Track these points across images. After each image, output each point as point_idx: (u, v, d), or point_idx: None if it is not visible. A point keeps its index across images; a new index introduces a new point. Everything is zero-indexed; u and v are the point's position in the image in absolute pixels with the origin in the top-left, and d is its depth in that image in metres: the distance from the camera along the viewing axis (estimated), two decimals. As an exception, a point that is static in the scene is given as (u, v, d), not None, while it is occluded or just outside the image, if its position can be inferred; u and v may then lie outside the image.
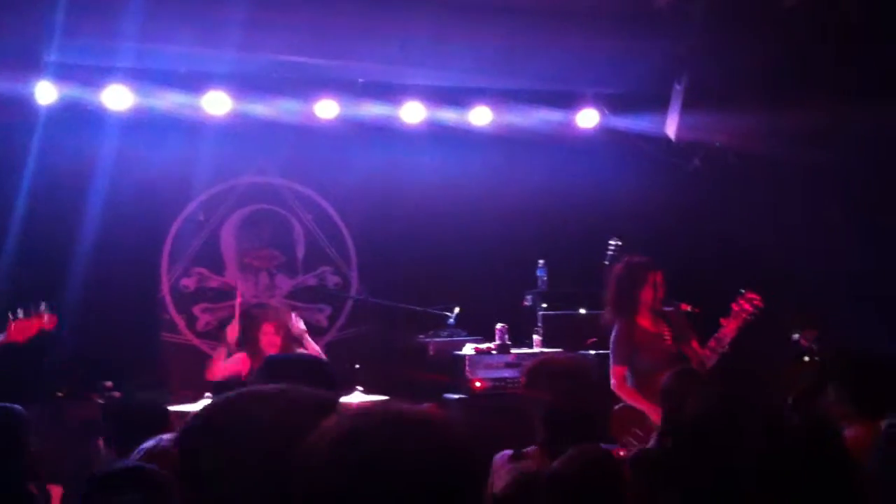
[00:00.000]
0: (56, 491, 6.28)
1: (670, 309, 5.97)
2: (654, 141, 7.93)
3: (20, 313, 5.60)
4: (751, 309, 5.72)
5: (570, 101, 8.18)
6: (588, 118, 8.21)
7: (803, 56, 6.88)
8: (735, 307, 5.76)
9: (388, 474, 1.42)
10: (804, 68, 6.91)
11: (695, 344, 5.90)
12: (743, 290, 5.81)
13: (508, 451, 3.79)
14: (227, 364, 6.82)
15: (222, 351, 6.96)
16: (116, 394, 6.16)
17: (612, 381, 5.86)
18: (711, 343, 5.78)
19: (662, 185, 8.31)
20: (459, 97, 8.06)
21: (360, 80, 7.81)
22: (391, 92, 7.89)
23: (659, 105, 7.62)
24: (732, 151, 7.81)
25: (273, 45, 7.13)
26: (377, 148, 8.24)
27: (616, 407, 5.79)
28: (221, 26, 6.80)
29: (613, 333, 5.96)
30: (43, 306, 5.66)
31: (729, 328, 5.73)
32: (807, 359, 6.56)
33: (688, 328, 5.98)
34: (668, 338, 5.85)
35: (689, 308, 6.05)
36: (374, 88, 7.87)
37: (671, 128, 7.35)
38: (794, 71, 6.95)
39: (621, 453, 4.62)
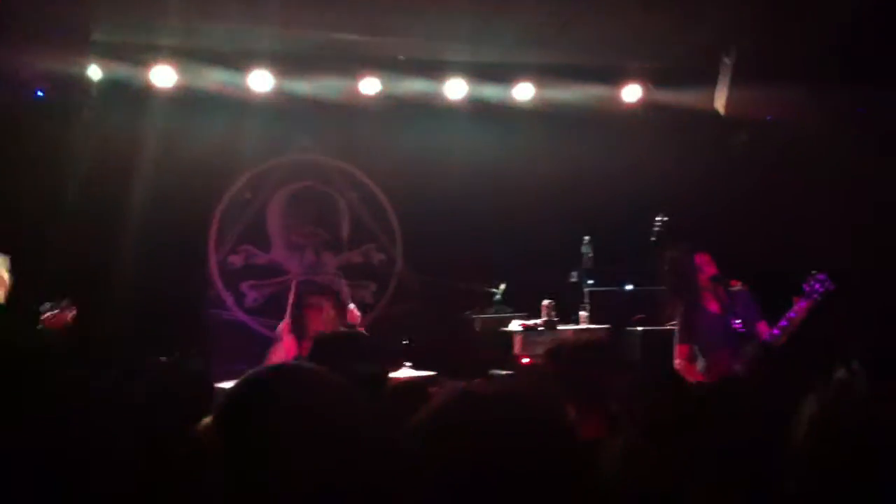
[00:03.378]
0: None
1: (737, 290, 5.91)
2: (700, 116, 7.83)
3: (47, 307, 5.73)
4: (821, 290, 5.62)
5: (614, 76, 8.13)
6: (632, 93, 8.15)
7: (853, 28, 6.77)
8: (806, 287, 5.66)
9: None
10: (854, 41, 6.79)
11: (763, 324, 5.84)
12: (814, 271, 5.70)
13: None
14: (278, 357, 6.81)
15: (276, 348, 6.95)
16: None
17: (676, 360, 5.85)
18: (782, 323, 5.70)
19: (709, 161, 8.23)
20: (502, 73, 8.03)
21: (402, 56, 7.81)
22: (434, 68, 7.89)
23: (705, 79, 7.54)
24: (782, 126, 7.70)
25: (316, 22, 7.14)
26: (421, 124, 8.24)
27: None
28: (264, 4, 6.82)
29: (678, 315, 5.94)
30: (65, 301, 5.79)
31: (799, 307, 5.65)
32: None
33: (755, 309, 5.92)
34: (734, 319, 5.78)
35: (738, 284, 6.00)
36: (416, 65, 7.87)
37: (720, 102, 7.26)
38: (843, 43, 6.83)
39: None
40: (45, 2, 6.31)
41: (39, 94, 7.09)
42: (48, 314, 5.67)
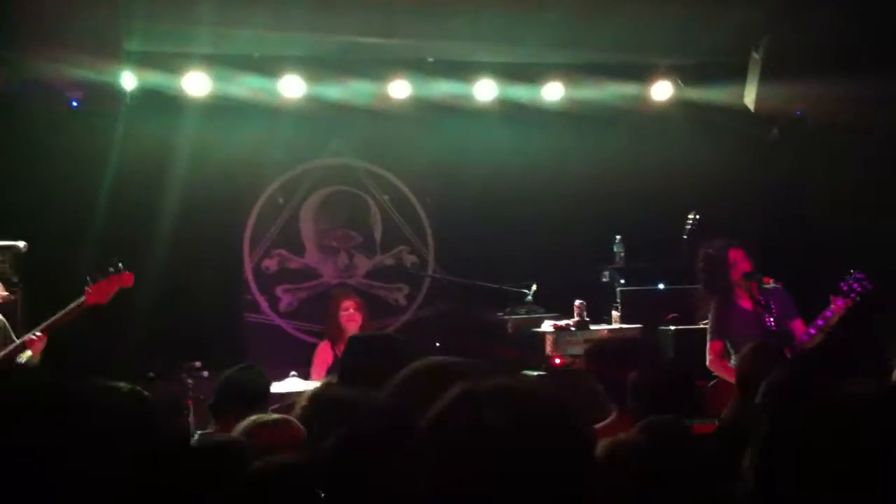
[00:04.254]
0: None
1: (772, 287, 5.86)
2: (731, 112, 7.78)
3: (98, 276, 5.72)
4: (859, 289, 5.55)
5: (643, 74, 8.08)
6: (662, 90, 8.11)
7: (885, 20, 6.69)
8: (844, 286, 5.59)
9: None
10: (886, 33, 6.71)
11: (798, 322, 5.78)
12: (852, 270, 5.63)
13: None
14: (318, 364, 6.96)
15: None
16: (205, 373, 6.35)
17: (708, 357, 5.83)
18: (819, 322, 5.63)
19: (740, 157, 8.17)
20: (531, 73, 8.02)
21: (430, 58, 7.84)
22: (463, 70, 7.90)
23: (735, 75, 7.49)
24: (813, 120, 7.62)
25: (344, 26, 7.19)
26: (451, 126, 8.26)
27: (711, 382, 5.75)
28: (293, 9, 6.89)
29: (711, 311, 5.92)
30: (120, 265, 5.77)
31: (837, 306, 5.58)
32: None
33: (790, 306, 5.87)
34: (767, 316, 5.72)
35: (771, 281, 5.96)
36: (445, 67, 7.89)
37: (750, 97, 7.21)
38: (875, 35, 6.75)
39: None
40: (78, 11, 6.41)
41: (73, 103, 7.20)
42: (95, 283, 5.66)
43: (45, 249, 6.41)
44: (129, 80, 7.15)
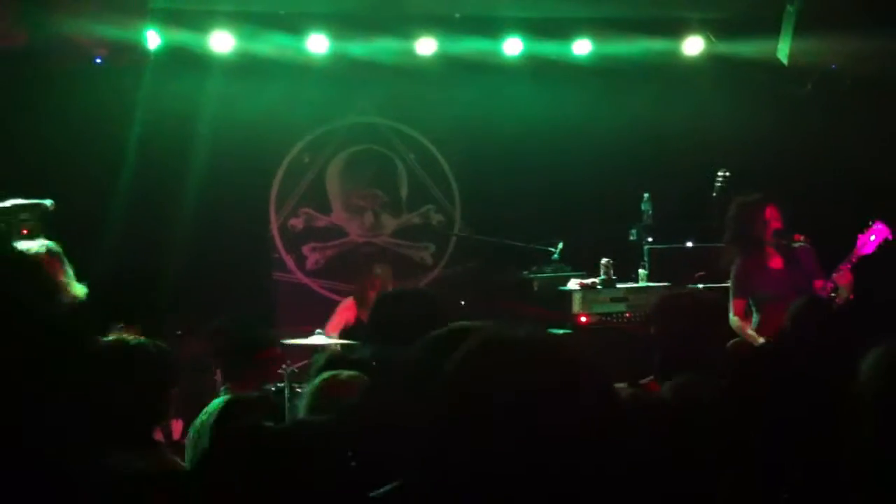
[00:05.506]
0: (177, 425, 6.55)
1: (800, 245, 5.76)
2: (764, 67, 7.63)
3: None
4: (879, 241, 5.45)
5: (674, 29, 7.96)
6: (694, 45, 7.98)
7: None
8: (861, 237, 5.49)
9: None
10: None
11: (819, 283, 5.68)
12: (871, 221, 5.52)
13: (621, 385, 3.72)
14: (336, 319, 7.00)
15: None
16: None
17: (731, 315, 5.75)
18: (834, 275, 5.54)
19: (773, 113, 8.02)
20: (559, 28, 7.92)
21: (457, 14, 7.76)
22: (490, 26, 7.81)
23: (768, 29, 7.33)
24: (848, 75, 7.46)
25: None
26: (477, 84, 8.17)
27: (732, 341, 5.67)
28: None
29: (735, 268, 5.82)
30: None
31: (853, 258, 5.48)
32: None
33: (817, 266, 5.77)
34: (794, 274, 5.63)
35: (801, 238, 5.87)
36: (472, 23, 7.80)
37: (783, 52, 7.06)
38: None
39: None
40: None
41: (98, 60, 7.19)
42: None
43: (71, 207, 6.43)
44: (153, 38, 7.14)
